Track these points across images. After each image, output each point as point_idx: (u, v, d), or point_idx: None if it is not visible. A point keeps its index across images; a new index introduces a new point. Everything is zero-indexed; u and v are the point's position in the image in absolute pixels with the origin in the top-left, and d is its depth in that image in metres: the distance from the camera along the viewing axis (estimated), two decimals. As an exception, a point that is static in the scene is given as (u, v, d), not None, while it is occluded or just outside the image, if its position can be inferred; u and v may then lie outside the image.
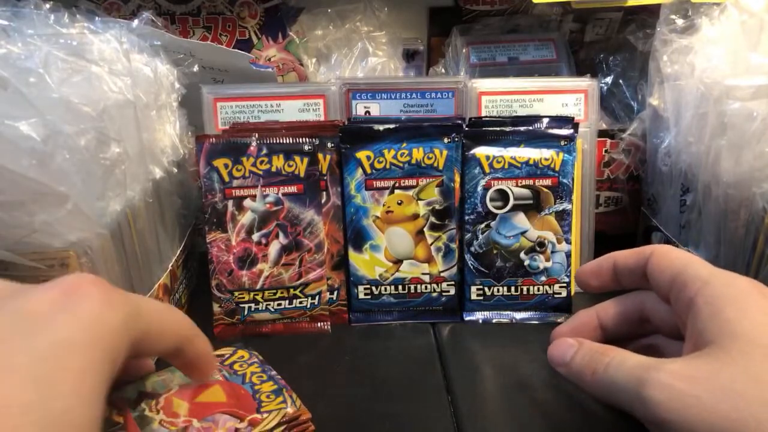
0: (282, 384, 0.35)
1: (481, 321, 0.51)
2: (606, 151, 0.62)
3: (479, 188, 0.50)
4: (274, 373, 0.36)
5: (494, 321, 0.51)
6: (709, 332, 0.30)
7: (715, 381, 0.28)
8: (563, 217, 0.50)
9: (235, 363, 0.36)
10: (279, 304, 0.49)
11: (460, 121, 0.50)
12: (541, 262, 0.50)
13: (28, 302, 0.23)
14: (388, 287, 0.51)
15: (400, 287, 0.51)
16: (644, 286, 0.38)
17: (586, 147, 0.55)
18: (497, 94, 0.55)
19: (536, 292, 0.51)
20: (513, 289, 0.51)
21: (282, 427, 0.31)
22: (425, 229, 0.50)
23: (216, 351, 0.35)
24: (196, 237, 0.58)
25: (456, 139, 0.49)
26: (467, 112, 0.55)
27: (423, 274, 0.50)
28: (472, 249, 0.50)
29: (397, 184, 0.49)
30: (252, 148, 0.48)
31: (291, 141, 0.48)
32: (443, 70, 0.74)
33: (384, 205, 0.50)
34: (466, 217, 0.50)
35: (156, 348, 0.28)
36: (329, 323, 0.50)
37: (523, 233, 0.50)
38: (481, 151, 0.50)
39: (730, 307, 0.30)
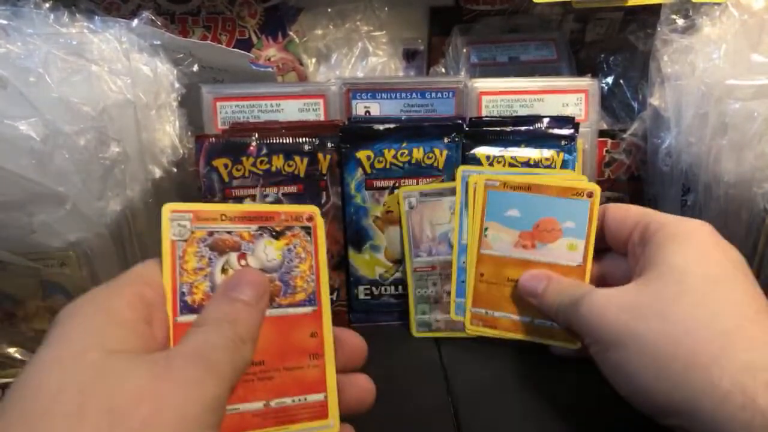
0: None
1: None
2: (607, 151, 0.62)
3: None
4: None
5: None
6: (646, 264, 0.34)
7: (631, 299, 0.32)
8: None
9: None
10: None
11: (460, 121, 0.50)
12: (541, 263, 0.50)
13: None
14: (388, 287, 0.51)
15: (400, 287, 0.50)
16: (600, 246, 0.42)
17: (587, 147, 0.55)
18: (498, 94, 0.55)
19: (537, 293, 0.51)
20: (513, 289, 0.50)
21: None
22: (425, 229, 0.50)
23: None
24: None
25: (456, 139, 0.49)
26: (467, 111, 0.55)
27: (423, 274, 0.50)
28: (473, 249, 0.50)
29: (397, 184, 0.49)
30: (252, 148, 0.48)
31: (291, 141, 0.48)
32: (443, 70, 0.74)
33: (384, 205, 0.49)
34: (467, 217, 0.50)
35: None
36: (329, 323, 0.50)
37: (523, 233, 0.50)
38: (481, 151, 0.49)
39: (673, 241, 0.33)
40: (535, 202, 0.42)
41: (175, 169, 0.51)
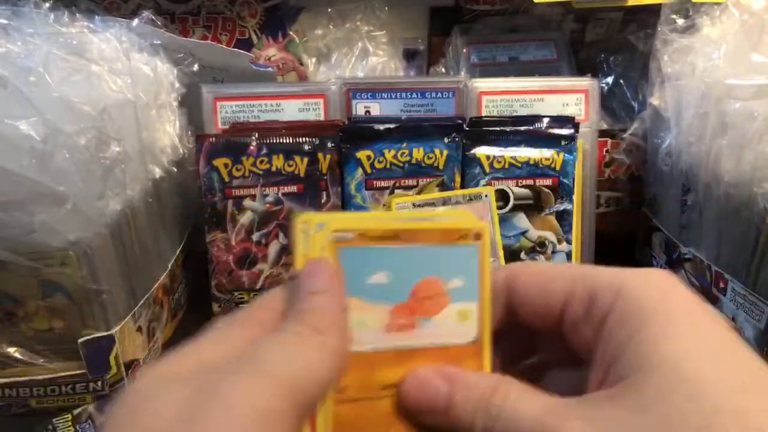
0: None
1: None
2: (607, 151, 0.62)
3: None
4: None
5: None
6: (622, 363, 0.22)
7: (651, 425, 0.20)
8: (564, 217, 0.50)
9: None
10: (279, 304, 0.49)
11: (460, 121, 0.50)
12: (541, 262, 0.50)
13: None
14: (388, 287, 0.50)
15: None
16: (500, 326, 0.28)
17: (587, 147, 0.55)
18: (498, 94, 0.55)
19: (537, 292, 0.50)
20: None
21: None
22: (425, 229, 0.50)
23: None
24: (196, 237, 0.58)
25: (456, 139, 0.49)
26: (468, 111, 0.55)
27: (423, 274, 0.50)
28: (473, 249, 0.50)
29: (397, 184, 0.49)
30: (252, 147, 0.48)
31: (291, 141, 0.48)
32: (443, 70, 0.74)
33: (384, 205, 0.49)
34: (467, 217, 0.50)
35: None
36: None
37: (523, 233, 0.50)
38: (481, 151, 0.49)
39: (651, 326, 0.22)
40: (407, 257, 0.27)
41: (175, 169, 0.51)
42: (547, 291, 0.26)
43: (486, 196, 0.49)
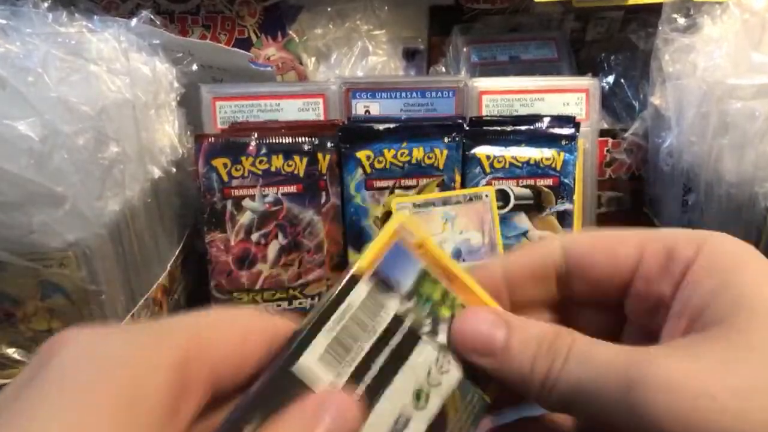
0: None
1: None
2: (607, 150, 0.62)
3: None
4: None
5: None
6: (716, 309, 0.22)
7: (734, 374, 0.20)
8: (564, 217, 0.50)
9: None
10: (278, 305, 0.49)
11: (460, 121, 0.50)
12: (542, 263, 0.50)
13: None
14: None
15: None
16: (545, 297, 0.27)
17: (588, 146, 0.54)
18: (498, 94, 0.55)
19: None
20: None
21: None
22: (426, 229, 0.50)
23: None
24: (195, 237, 0.58)
25: (456, 139, 0.49)
26: (468, 111, 0.55)
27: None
28: (473, 249, 0.50)
29: (397, 184, 0.49)
30: (251, 147, 0.47)
31: (290, 141, 0.48)
32: (443, 70, 0.74)
33: (384, 206, 0.49)
34: (467, 217, 0.50)
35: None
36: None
37: (524, 233, 0.50)
38: (481, 151, 0.49)
39: (743, 274, 0.22)
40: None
41: (174, 169, 0.51)
42: (617, 253, 0.25)
43: (486, 196, 0.49)
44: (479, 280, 0.25)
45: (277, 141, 0.48)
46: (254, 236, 0.48)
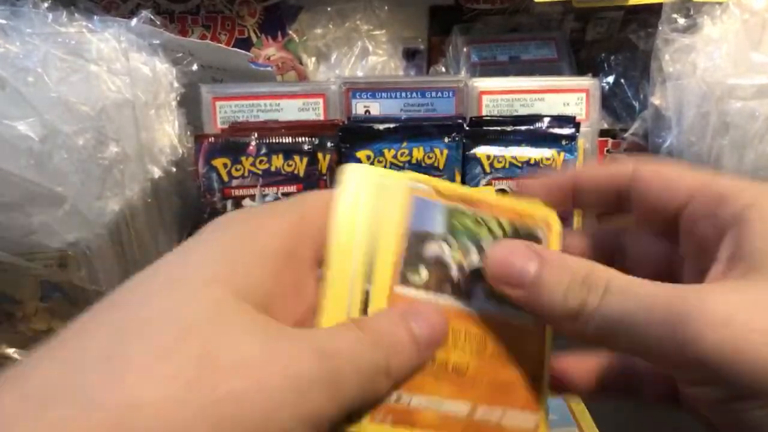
0: None
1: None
2: (608, 150, 0.62)
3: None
4: None
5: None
6: (762, 252, 0.22)
7: None
8: (565, 217, 0.50)
9: None
10: (279, 305, 0.49)
11: (460, 121, 0.50)
12: (542, 263, 0.50)
13: None
14: (388, 287, 0.50)
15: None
16: (609, 210, 0.29)
17: (588, 146, 0.54)
18: (498, 94, 0.55)
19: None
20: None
21: None
22: (426, 229, 0.50)
23: None
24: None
25: (456, 139, 0.49)
26: (468, 111, 0.55)
27: (423, 274, 0.50)
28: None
29: (397, 184, 0.49)
30: (251, 147, 0.47)
31: (290, 140, 0.48)
32: (443, 70, 0.74)
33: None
34: (467, 217, 0.50)
35: None
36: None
37: (524, 233, 0.50)
38: (481, 151, 0.49)
39: None
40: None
41: (174, 169, 0.51)
42: (672, 186, 0.26)
43: (486, 196, 0.49)
44: (549, 182, 0.28)
45: (277, 141, 0.48)
46: (254, 236, 0.48)
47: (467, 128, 0.50)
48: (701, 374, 0.21)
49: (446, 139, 0.49)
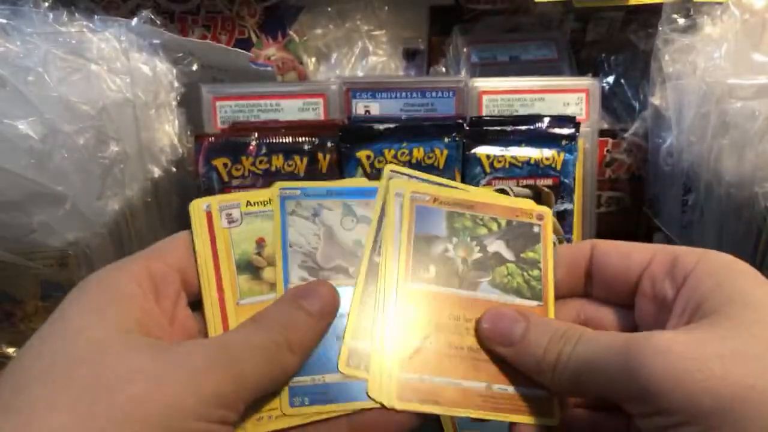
0: None
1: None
2: (608, 150, 0.62)
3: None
4: None
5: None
6: (712, 303, 0.25)
7: (725, 346, 0.23)
8: (564, 217, 0.50)
9: None
10: (279, 305, 0.49)
11: (460, 121, 0.50)
12: (542, 262, 0.50)
13: None
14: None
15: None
16: (576, 291, 0.32)
17: (588, 147, 0.54)
18: (498, 94, 0.55)
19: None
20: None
21: None
22: (426, 229, 0.50)
23: None
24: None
25: (457, 139, 0.49)
26: (468, 111, 0.55)
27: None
28: (473, 249, 0.50)
29: (397, 184, 0.49)
30: (251, 147, 0.47)
31: (291, 140, 0.48)
32: (444, 70, 0.74)
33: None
34: (467, 217, 0.50)
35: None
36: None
37: (524, 233, 0.50)
38: (481, 151, 0.49)
39: (737, 278, 0.26)
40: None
41: (174, 169, 0.51)
42: (630, 256, 0.30)
43: (486, 195, 0.49)
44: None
45: (277, 141, 0.48)
46: (254, 236, 0.48)
47: (467, 128, 0.50)
48: (648, 404, 0.23)
49: (446, 139, 0.49)
